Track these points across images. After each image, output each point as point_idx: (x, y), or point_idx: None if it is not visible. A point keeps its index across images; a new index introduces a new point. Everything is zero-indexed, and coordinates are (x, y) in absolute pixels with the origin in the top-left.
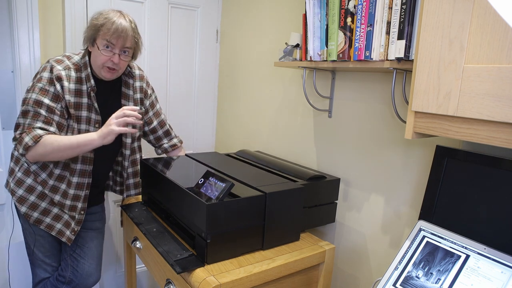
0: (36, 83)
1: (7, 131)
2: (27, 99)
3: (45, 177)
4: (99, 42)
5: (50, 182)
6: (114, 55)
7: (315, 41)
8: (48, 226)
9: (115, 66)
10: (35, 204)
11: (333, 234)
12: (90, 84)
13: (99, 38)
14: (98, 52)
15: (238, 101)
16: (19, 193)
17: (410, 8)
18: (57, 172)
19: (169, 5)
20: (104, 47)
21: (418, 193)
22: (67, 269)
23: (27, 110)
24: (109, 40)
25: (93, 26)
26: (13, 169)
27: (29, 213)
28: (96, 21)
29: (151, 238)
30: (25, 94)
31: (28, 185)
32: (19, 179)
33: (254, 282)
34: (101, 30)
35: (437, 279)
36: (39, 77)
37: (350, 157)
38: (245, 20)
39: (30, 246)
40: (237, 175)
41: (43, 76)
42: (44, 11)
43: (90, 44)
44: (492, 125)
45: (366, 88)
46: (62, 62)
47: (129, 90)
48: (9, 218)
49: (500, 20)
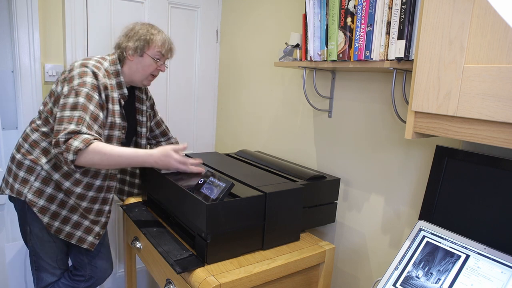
0: (79, 88)
1: (7, 131)
2: (70, 103)
3: (69, 185)
4: (151, 53)
5: (77, 190)
6: (162, 65)
7: (315, 41)
8: (68, 235)
9: (158, 74)
10: (56, 213)
11: (333, 234)
12: (121, 92)
13: (151, 49)
14: (149, 62)
15: (238, 101)
16: (41, 204)
17: (410, 8)
18: (86, 180)
19: (169, 5)
20: (155, 58)
21: (418, 193)
22: (85, 268)
23: (72, 115)
24: (162, 52)
25: (145, 38)
26: (27, 179)
27: (51, 223)
28: (146, 33)
29: (151, 238)
30: (65, 99)
31: (49, 194)
32: (38, 189)
33: (254, 282)
34: (154, 42)
35: (437, 279)
36: (81, 82)
37: (350, 157)
38: (245, 20)
39: (38, 253)
40: (237, 175)
41: (86, 81)
42: (44, 11)
43: (138, 54)
44: (492, 125)
45: (366, 88)
46: (100, 68)
47: (142, 94)
48: (9, 218)
49: (500, 20)
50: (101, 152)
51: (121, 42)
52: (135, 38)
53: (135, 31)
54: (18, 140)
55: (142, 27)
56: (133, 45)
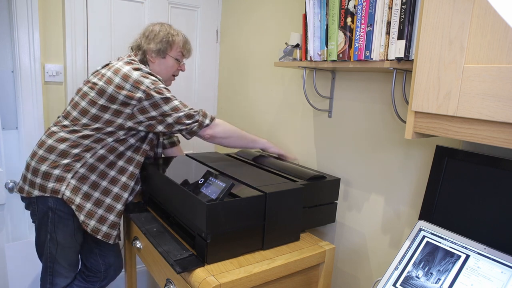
0: (155, 86)
1: (7, 131)
2: (160, 101)
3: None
4: (174, 54)
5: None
6: (183, 65)
7: (315, 41)
8: (106, 235)
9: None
10: (91, 212)
11: (333, 234)
12: None
13: (173, 50)
14: (171, 62)
15: (238, 101)
16: (77, 201)
17: (410, 8)
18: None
19: (169, 5)
20: (178, 59)
21: (418, 193)
22: (99, 268)
23: (175, 106)
24: (184, 53)
25: (167, 40)
26: (63, 176)
27: (87, 221)
28: (167, 34)
29: (151, 238)
30: (146, 102)
31: (84, 192)
32: (75, 186)
33: (254, 282)
34: (177, 43)
35: (437, 279)
36: (152, 81)
37: (350, 157)
38: (245, 20)
39: (57, 259)
40: (237, 175)
41: (155, 79)
42: (44, 11)
43: (161, 56)
44: (492, 125)
45: (366, 88)
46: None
47: None
48: (9, 218)
49: (500, 20)
50: (229, 126)
51: (142, 44)
52: (156, 40)
53: (155, 32)
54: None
55: (162, 28)
56: (155, 47)
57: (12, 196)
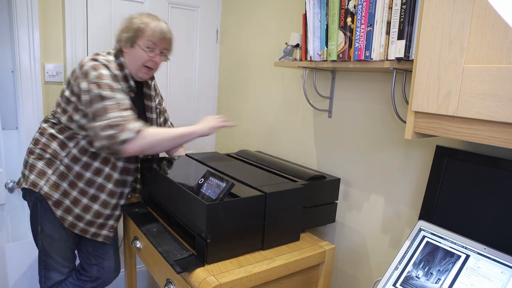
0: (98, 80)
1: (7, 131)
2: (95, 96)
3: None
4: (142, 43)
5: (98, 180)
6: (156, 56)
7: (315, 41)
8: (83, 230)
9: (154, 66)
10: (69, 208)
11: (333, 234)
12: (129, 85)
13: (142, 39)
14: (140, 52)
15: (238, 101)
16: (56, 197)
17: (410, 8)
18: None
19: (169, 5)
20: (146, 48)
21: (418, 193)
22: (91, 268)
23: (104, 106)
24: (153, 41)
25: (135, 28)
26: (45, 171)
27: (65, 216)
28: (138, 22)
29: (151, 238)
30: (88, 94)
31: (64, 189)
32: (54, 182)
33: (254, 282)
34: (145, 31)
35: (437, 279)
36: (98, 74)
37: (350, 157)
38: (245, 20)
39: (48, 252)
40: (237, 175)
41: (102, 73)
42: (44, 11)
43: (129, 45)
44: (492, 125)
45: (366, 88)
46: (110, 61)
47: (151, 91)
48: (9, 218)
49: (500, 20)
50: (153, 136)
51: (118, 33)
52: (127, 29)
53: (129, 21)
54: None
55: (138, 16)
56: (125, 36)
57: (12, 196)
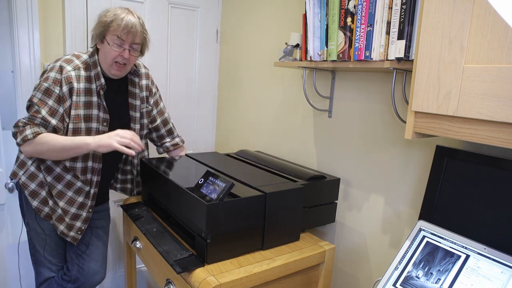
0: (42, 82)
1: (7, 131)
2: (32, 96)
3: (58, 172)
4: (109, 38)
5: (67, 177)
6: (124, 51)
7: (315, 41)
8: (54, 225)
9: (125, 61)
10: (45, 199)
11: (333, 234)
12: (100, 83)
13: (109, 34)
14: (108, 48)
15: (238, 101)
16: (32, 187)
17: (410, 8)
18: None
19: (169, 5)
20: (114, 43)
21: (418, 193)
22: (73, 268)
23: (31, 105)
24: (119, 36)
25: (103, 23)
26: (25, 162)
27: (40, 207)
28: (105, 18)
29: (151, 238)
30: (32, 92)
31: (40, 180)
32: (32, 173)
33: (254, 282)
34: (111, 26)
35: (437, 279)
36: (45, 77)
37: (350, 157)
38: (245, 20)
39: (35, 246)
40: (237, 175)
41: (49, 76)
42: (44, 11)
43: (99, 41)
44: (492, 125)
45: (366, 88)
46: (72, 61)
47: (135, 88)
48: (9, 218)
49: (500, 20)
50: (46, 144)
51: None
52: (97, 24)
53: (99, 17)
54: None
55: (109, 11)
56: (96, 32)
57: (12, 196)
